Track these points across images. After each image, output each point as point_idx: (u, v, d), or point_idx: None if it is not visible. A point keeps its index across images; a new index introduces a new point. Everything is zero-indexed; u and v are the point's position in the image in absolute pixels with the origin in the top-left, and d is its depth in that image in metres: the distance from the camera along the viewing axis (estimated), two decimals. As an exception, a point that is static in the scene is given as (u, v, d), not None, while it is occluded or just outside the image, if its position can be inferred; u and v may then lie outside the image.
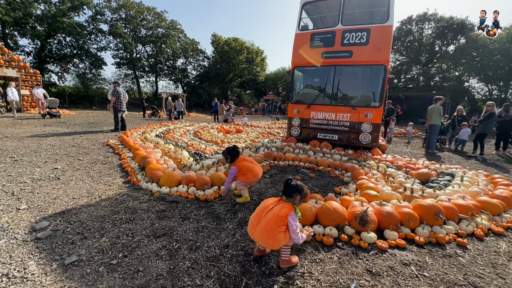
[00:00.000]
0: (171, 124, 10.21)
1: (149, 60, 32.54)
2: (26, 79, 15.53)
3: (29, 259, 1.84)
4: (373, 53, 5.84)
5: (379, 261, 2.01)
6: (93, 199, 2.95)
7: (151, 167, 3.66)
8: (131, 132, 7.17)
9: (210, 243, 2.16)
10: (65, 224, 2.36)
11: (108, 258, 1.89)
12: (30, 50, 24.42)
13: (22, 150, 5.08)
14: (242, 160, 3.00)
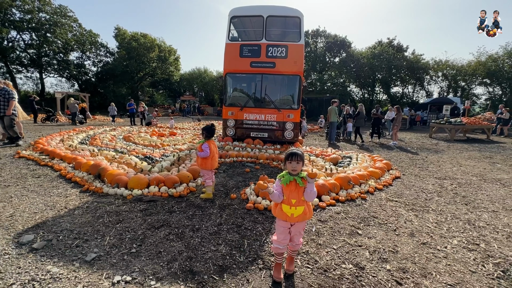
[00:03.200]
0: (89, 130, 9.08)
1: (27, 51, 26.13)
2: None
3: (43, 265, 1.91)
4: (291, 65, 7.23)
5: (322, 214, 3.05)
6: (60, 211, 2.86)
7: (112, 173, 3.66)
8: (46, 140, 6.19)
9: (206, 224, 2.68)
10: (53, 234, 2.35)
11: (125, 249, 2.16)
12: None
13: None
14: (212, 143, 3.49)
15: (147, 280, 1.79)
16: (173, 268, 1.94)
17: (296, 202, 1.75)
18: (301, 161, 1.78)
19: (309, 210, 1.83)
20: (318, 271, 1.98)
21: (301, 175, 1.77)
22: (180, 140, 7.61)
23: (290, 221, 1.81)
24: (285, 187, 1.77)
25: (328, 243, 2.40)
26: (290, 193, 1.75)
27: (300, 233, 1.91)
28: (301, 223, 1.86)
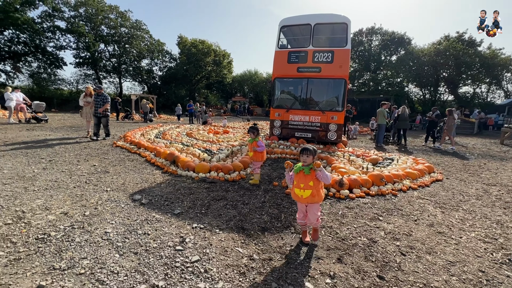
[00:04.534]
0: (159, 127, 10.95)
1: (111, 60, 31.35)
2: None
3: (150, 212, 2.94)
4: (336, 69, 7.60)
5: (351, 203, 3.55)
6: (151, 184, 4.01)
7: (183, 160, 4.77)
8: (132, 134, 7.91)
9: (253, 201, 3.47)
10: (151, 197, 3.44)
11: (197, 210, 3.09)
12: (-27, 47, 21.96)
13: (45, 153, 5.66)
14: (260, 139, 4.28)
15: (213, 229, 2.66)
16: (230, 225, 2.77)
17: (304, 186, 2.31)
18: (311, 155, 2.30)
19: (318, 194, 2.31)
20: (337, 239, 2.57)
21: (310, 166, 2.30)
22: (232, 137, 8.68)
23: (301, 201, 2.38)
24: (296, 175, 2.37)
25: (349, 223, 2.94)
26: (299, 179, 2.34)
27: (314, 213, 2.38)
28: (313, 205, 2.36)
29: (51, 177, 3.99)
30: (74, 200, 3.16)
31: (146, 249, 2.22)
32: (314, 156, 2.33)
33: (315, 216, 2.39)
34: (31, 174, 4.07)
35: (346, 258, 2.25)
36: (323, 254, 2.30)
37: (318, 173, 2.27)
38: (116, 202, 3.18)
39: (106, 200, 3.22)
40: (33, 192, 3.33)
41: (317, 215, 2.41)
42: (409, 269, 2.14)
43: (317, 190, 2.31)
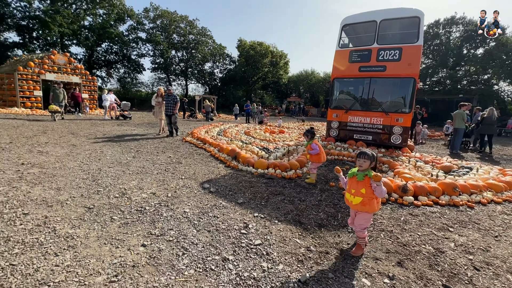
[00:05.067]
0: (220, 125, 11.89)
1: (180, 64, 34.99)
2: (85, 84, 18.04)
3: (217, 200, 3.37)
4: (404, 67, 7.03)
5: (415, 210, 3.35)
6: (217, 175, 4.50)
7: (244, 156, 5.18)
8: (198, 131, 8.84)
9: (309, 198, 3.60)
10: (217, 186, 3.90)
11: (258, 202, 3.39)
12: (80, 58, 27.52)
13: (133, 145, 6.84)
14: (316, 141, 4.38)
15: (272, 219, 2.90)
16: (287, 217, 2.98)
17: (354, 192, 2.20)
18: (368, 161, 2.15)
19: (369, 204, 2.16)
20: (398, 244, 2.52)
21: (369, 174, 2.12)
22: (288, 137, 8.87)
23: (351, 207, 2.34)
24: (349, 179, 2.30)
25: (413, 230, 2.82)
26: (351, 184, 2.25)
27: (361, 221, 2.25)
28: (362, 213, 2.23)
29: (140, 164, 4.86)
30: (158, 183, 3.82)
31: (217, 229, 2.60)
32: (372, 162, 2.18)
33: (361, 225, 2.26)
34: (125, 160, 5.03)
35: (407, 263, 2.21)
36: (382, 256, 2.30)
37: (374, 185, 2.11)
38: (190, 188, 3.72)
39: (182, 186, 3.80)
40: (129, 175, 4.15)
41: (363, 225, 2.26)
42: (482, 284, 1.98)
43: (369, 199, 2.16)
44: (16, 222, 2.37)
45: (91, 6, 25.41)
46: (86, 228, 2.39)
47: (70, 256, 1.96)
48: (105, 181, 3.71)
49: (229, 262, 2.08)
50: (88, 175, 3.91)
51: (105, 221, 2.55)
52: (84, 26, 24.55)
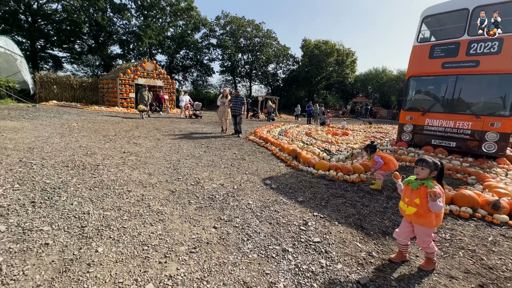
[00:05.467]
0: (281, 125, 12.12)
1: (245, 66, 36.80)
2: (166, 87, 20.78)
3: (278, 196, 3.55)
4: (505, 62, 5.86)
5: (509, 231, 2.83)
6: (277, 173, 4.70)
7: (305, 156, 5.23)
8: (260, 131, 9.26)
9: (373, 204, 3.43)
10: (278, 183, 4.08)
11: (317, 202, 3.42)
12: (163, 64, 31.89)
13: (204, 141, 7.65)
14: (380, 153, 4.12)
15: (332, 220, 2.91)
16: (348, 221, 2.93)
17: (408, 201, 2.03)
18: (427, 169, 1.96)
19: (425, 217, 1.95)
20: (481, 266, 2.21)
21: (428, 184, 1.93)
22: (352, 140, 8.43)
23: (404, 216, 2.14)
24: (404, 186, 2.13)
25: (504, 253, 2.41)
26: (406, 193, 2.09)
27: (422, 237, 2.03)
28: (419, 227, 2.02)
29: (209, 158, 5.45)
30: (225, 176, 4.24)
31: (277, 222, 2.77)
32: (432, 171, 1.97)
33: (423, 242, 2.05)
34: (198, 154, 5.71)
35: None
36: (459, 275, 2.07)
37: (430, 202, 1.89)
38: (253, 183, 4.01)
39: (246, 180, 4.12)
40: (201, 167, 4.72)
41: (426, 241, 2.04)
42: None
43: (424, 211, 1.96)
44: (124, 197, 3.04)
45: (173, 19, 29.16)
46: (171, 207, 2.90)
47: (160, 227, 2.43)
48: (183, 171, 4.33)
49: (289, 253, 2.23)
50: (170, 165, 4.63)
51: (184, 204, 3.03)
52: (167, 37, 28.38)
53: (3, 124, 6.52)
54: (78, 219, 2.39)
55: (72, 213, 2.49)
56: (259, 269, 1.98)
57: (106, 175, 3.68)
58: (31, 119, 8.14)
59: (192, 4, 29.09)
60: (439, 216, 2.00)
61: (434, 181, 1.97)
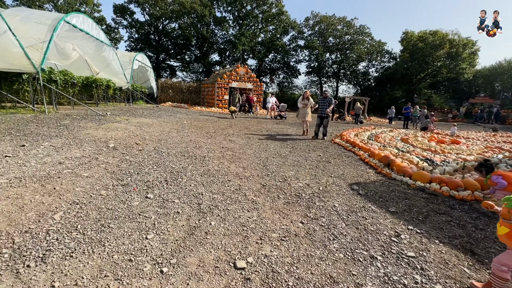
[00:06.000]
0: (371, 129, 11.18)
1: (332, 66, 35.37)
2: (255, 89, 22.32)
3: (366, 203, 3.43)
4: None
5: None
6: (366, 179, 4.47)
7: (399, 165, 4.77)
8: (347, 134, 8.87)
9: (492, 229, 2.86)
10: (365, 190, 3.92)
11: (413, 216, 3.12)
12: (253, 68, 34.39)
13: (289, 142, 7.97)
14: (500, 172, 3.30)
15: (431, 238, 2.62)
16: (453, 242, 2.58)
17: (501, 220, 1.85)
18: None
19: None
20: None
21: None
22: (465, 150, 6.97)
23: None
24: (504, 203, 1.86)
25: None
26: (502, 210, 1.86)
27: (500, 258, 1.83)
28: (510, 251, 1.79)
29: (295, 158, 5.68)
30: (311, 177, 4.38)
31: (365, 229, 2.73)
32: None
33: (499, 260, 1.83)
34: (284, 154, 6.04)
35: None
36: None
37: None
38: (339, 186, 3.99)
39: (331, 183, 4.14)
40: (287, 166, 5.01)
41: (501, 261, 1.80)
42: None
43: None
44: (225, 185, 3.64)
45: (264, 25, 31.02)
46: (262, 198, 3.28)
47: (255, 214, 2.82)
48: (271, 168, 4.72)
49: (377, 260, 2.19)
50: (260, 161, 5.12)
51: (274, 197, 3.36)
52: (258, 42, 30.47)
53: (141, 120, 8.68)
54: (195, 197, 3.06)
55: (191, 192, 3.20)
56: (346, 269, 2.06)
57: (211, 166, 4.45)
58: (156, 117, 10.45)
59: (282, 8, 30.15)
60: None
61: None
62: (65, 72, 9.96)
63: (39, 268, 1.64)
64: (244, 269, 1.90)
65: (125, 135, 5.97)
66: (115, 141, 5.29)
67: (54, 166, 3.48)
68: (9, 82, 8.61)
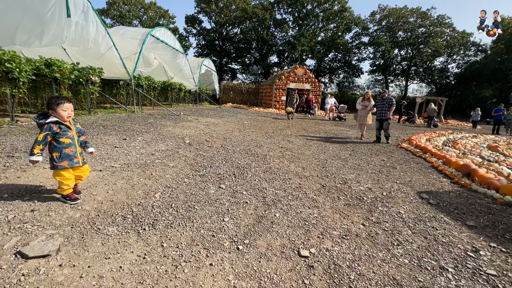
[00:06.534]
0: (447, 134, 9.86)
1: (401, 63, 31.99)
2: (313, 90, 21.91)
3: (435, 212, 3.19)
4: None
5: None
6: (438, 188, 4.09)
7: (483, 175, 4.20)
8: (416, 138, 8.07)
9: None
10: (438, 200, 3.62)
11: (497, 233, 2.78)
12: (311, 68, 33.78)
13: (348, 144, 7.72)
14: None
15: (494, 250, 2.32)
16: (552, 267, 2.23)
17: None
18: None
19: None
20: None
21: None
22: None
23: None
24: None
25: None
26: None
27: None
28: None
29: (355, 161, 5.53)
30: (373, 181, 4.25)
31: (435, 239, 2.58)
32: None
33: None
34: (344, 156, 5.93)
35: None
36: None
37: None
38: (405, 194, 3.78)
39: (396, 189, 3.95)
40: (347, 168, 4.94)
41: None
42: None
43: None
44: (286, 182, 3.87)
45: (325, 23, 30.13)
46: (323, 198, 3.39)
47: (316, 212, 2.96)
48: (331, 169, 4.74)
49: (448, 272, 2.10)
50: (319, 162, 5.18)
51: (334, 198, 3.43)
52: (317, 42, 29.78)
53: (208, 120, 9.64)
54: (260, 191, 3.38)
55: (256, 187, 3.53)
56: (411, 274, 2.05)
57: (272, 164, 4.74)
58: (220, 117, 11.40)
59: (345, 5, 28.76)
60: None
61: None
62: (148, 78, 11.74)
63: (151, 231, 2.16)
64: (307, 258, 2.09)
65: (197, 133, 6.78)
66: (190, 138, 6.09)
67: (148, 156, 4.29)
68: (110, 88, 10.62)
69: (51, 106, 2.25)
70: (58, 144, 2.30)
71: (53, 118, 2.26)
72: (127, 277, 1.64)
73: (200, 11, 32.81)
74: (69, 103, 2.34)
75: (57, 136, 2.29)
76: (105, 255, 1.81)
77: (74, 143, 2.40)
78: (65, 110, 2.29)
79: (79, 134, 2.53)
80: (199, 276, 1.73)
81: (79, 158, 2.44)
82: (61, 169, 2.32)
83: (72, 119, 2.45)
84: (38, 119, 2.25)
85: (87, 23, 7.36)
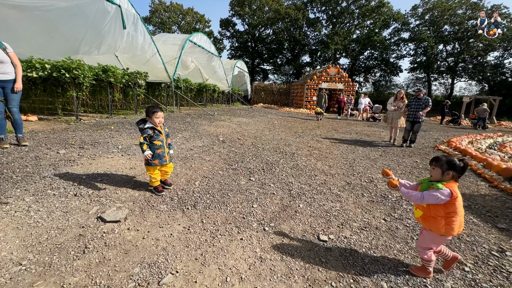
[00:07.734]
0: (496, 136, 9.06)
1: (447, 60, 29.46)
2: (346, 90, 21.34)
3: (466, 214, 3.16)
4: None
5: None
6: (473, 192, 3.97)
7: (526, 180, 3.96)
8: (457, 140, 7.61)
9: None
10: (471, 202, 3.55)
11: None
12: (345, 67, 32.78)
13: (380, 146, 7.58)
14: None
15: None
16: None
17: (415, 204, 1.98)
18: (438, 168, 1.84)
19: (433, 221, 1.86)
20: None
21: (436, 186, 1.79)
22: None
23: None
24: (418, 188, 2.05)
25: None
26: None
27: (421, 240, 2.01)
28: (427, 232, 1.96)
29: (385, 162, 5.51)
30: (401, 181, 4.25)
31: (458, 237, 2.63)
32: (445, 171, 1.83)
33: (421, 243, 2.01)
34: (373, 157, 5.91)
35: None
36: None
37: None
38: (434, 194, 3.76)
39: (425, 190, 3.93)
40: (376, 168, 4.96)
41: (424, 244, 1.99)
42: None
43: (431, 215, 1.86)
44: (312, 178, 4.09)
45: (360, 20, 29.02)
46: (346, 194, 3.56)
47: (338, 205, 3.16)
48: (358, 169, 4.83)
49: (466, 266, 2.18)
50: (346, 162, 5.29)
51: (358, 194, 3.58)
52: (352, 40, 28.81)
53: (240, 120, 10.14)
54: (286, 185, 3.67)
55: (283, 181, 3.83)
56: (426, 264, 2.18)
57: (300, 161, 4.98)
58: (251, 117, 11.85)
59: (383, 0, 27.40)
60: (450, 224, 1.83)
61: (450, 183, 1.81)
62: (186, 80, 12.66)
63: (193, 211, 2.61)
64: (326, 242, 2.34)
65: (229, 131, 7.27)
66: (223, 136, 6.59)
67: (187, 151, 4.84)
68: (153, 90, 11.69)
69: (148, 114, 2.74)
70: (152, 146, 2.79)
71: (149, 124, 2.75)
72: (176, 241, 2.08)
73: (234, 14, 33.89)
74: (161, 111, 2.80)
75: (151, 139, 2.77)
76: (159, 225, 2.28)
77: (163, 145, 2.86)
78: (158, 118, 2.74)
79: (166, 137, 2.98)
80: (232, 246, 2.10)
81: (167, 157, 2.91)
82: (152, 166, 2.80)
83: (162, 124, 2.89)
84: (139, 125, 2.75)
85: (136, 33, 8.31)
